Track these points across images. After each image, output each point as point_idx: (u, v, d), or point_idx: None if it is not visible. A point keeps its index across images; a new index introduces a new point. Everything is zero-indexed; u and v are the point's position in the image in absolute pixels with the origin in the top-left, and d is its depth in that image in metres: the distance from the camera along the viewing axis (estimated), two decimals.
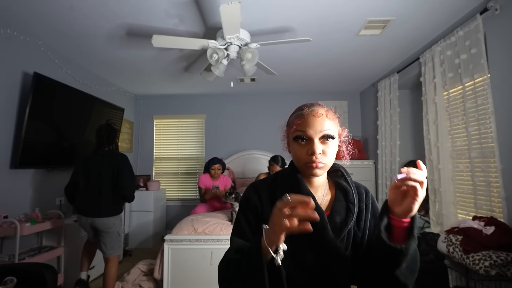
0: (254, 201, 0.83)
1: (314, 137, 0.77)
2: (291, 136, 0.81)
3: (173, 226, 2.85)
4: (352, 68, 3.64)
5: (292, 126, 0.80)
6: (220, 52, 2.31)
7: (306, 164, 0.77)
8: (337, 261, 0.74)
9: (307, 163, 0.76)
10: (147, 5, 2.19)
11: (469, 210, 2.42)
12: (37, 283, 1.78)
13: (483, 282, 1.86)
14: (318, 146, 0.76)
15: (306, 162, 0.76)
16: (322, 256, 0.74)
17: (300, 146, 0.78)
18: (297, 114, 0.81)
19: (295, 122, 0.80)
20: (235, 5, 1.84)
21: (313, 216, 0.59)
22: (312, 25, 2.52)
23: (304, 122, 0.78)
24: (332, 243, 0.74)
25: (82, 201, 2.35)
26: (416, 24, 2.53)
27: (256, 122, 4.85)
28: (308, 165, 0.76)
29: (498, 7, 2.02)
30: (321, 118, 0.78)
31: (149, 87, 4.44)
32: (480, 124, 2.15)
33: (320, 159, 0.76)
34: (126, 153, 4.54)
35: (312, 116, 0.78)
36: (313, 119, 0.78)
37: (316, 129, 0.77)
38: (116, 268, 2.39)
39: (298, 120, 0.79)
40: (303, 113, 0.80)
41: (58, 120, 2.89)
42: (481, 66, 2.11)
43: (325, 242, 0.74)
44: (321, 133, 0.77)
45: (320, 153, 0.76)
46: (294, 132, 0.79)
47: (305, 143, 0.77)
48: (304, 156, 0.77)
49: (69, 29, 2.54)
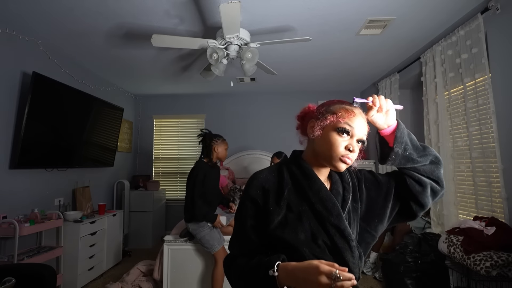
0: (255, 195, 0.83)
1: (356, 136, 0.80)
2: (333, 125, 0.80)
3: (172, 226, 2.85)
4: (353, 67, 3.63)
5: (338, 116, 0.79)
6: (220, 52, 2.30)
7: (341, 157, 0.78)
8: (348, 247, 0.78)
9: (342, 156, 0.78)
10: (146, 4, 2.18)
11: (470, 211, 2.41)
12: (36, 284, 1.77)
13: (484, 283, 1.85)
14: (355, 146, 0.79)
15: (342, 155, 0.78)
16: (337, 242, 0.78)
17: (340, 138, 0.79)
18: (346, 108, 0.81)
19: (342, 114, 0.79)
20: (235, 5, 1.84)
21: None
22: (312, 25, 2.52)
23: (354, 119, 0.79)
24: (347, 232, 0.78)
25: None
26: (417, 24, 2.52)
27: (256, 122, 4.84)
28: (342, 159, 0.78)
29: (499, 7, 2.01)
30: (365, 122, 0.82)
31: (148, 86, 4.43)
32: (481, 124, 2.14)
33: (352, 157, 0.79)
34: (125, 153, 4.56)
35: (362, 117, 0.81)
36: (362, 120, 0.81)
37: (361, 130, 0.80)
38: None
39: (347, 114, 0.79)
40: (353, 109, 0.81)
41: (57, 120, 2.88)
42: (482, 65, 2.10)
43: (340, 229, 0.78)
44: (362, 136, 0.81)
45: (355, 151, 0.79)
46: (339, 123, 0.79)
47: (346, 137, 0.79)
48: (341, 149, 0.78)
49: (69, 29, 2.53)
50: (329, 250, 0.77)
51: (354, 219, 0.83)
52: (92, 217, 3.10)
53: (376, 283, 2.84)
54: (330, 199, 0.80)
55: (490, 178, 2.08)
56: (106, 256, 3.24)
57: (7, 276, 1.70)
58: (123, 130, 4.35)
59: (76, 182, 3.32)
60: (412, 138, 0.84)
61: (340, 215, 0.78)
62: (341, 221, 0.78)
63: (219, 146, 2.45)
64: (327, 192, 0.81)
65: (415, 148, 0.82)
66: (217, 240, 2.33)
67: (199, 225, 2.34)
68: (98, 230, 3.09)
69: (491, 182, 2.08)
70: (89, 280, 2.95)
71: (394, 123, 0.84)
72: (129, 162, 4.73)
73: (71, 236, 2.78)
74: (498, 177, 2.01)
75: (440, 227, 2.63)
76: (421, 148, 0.84)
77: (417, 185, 0.82)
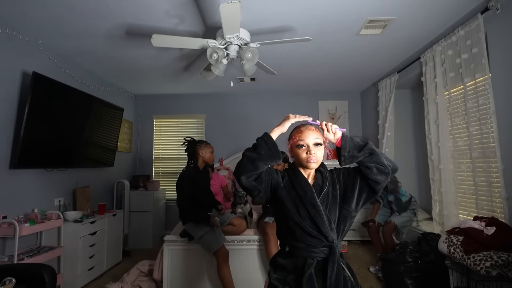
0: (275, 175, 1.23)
1: (310, 143, 1.18)
2: (294, 145, 1.20)
3: (172, 226, 2.85)
4: (353, 67, 3.63)
5: (293, 138, 1.21)
6: (220, 52, 2.30)
7: (307, 160, 1.17)
8: (318, 215, 1.14)
9: (307, 160, 1.17)
10: (146, 4, 2.18)
11: (470, 211, 2.41)
12: (36, 284, 1.77)
13: (484, 283, 1.85)
14: (312, 149, 1.17)
15: (306, 159, 1.17)
16: (311, 212, 1.15)
17: (301, 150, 1.19)
18: (297, 130, 1.22)
19: (295, 136, 1.20)
20: (235, 4, 1.83)
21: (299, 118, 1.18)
22: (312, 25, 2.51)
23: (303, 134, 1.19)
24: (316, 205, 1.15)
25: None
26: (417, 24, 2.52)
27: (256, 122, 4.84)
28: (308, 160, 1.17)
29: (499, 7, 2.01)
30: (313, 131, 1.20)
31: (148, 87, 4.43)
32: (481, 124, 2.14)
33: (313, 156, 1.16)
34: (125, 153, 4.56)
35: (308, 129, 1.20)
36: (310, 131, 1.20)
37: (311, 138, 1.18)
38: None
39: (298, 134, 1.20)
40: (301, 128, 1.21)
41: (57, 120, 2.88)
42: (482, 65, 2.10)
43: (312, 204, 1.15)
44: (314, 140, 1.18)
45: (314, 153, 1.17)
46: (295, 142, 1.19)
47: (304, 148, 1.18)
48: (303, 156, 1.18)
49: (69, 29, 2.53)
50: (307, 216, 1.15)
51: (333, 202, 1.18)
52: (92, 217, 3.09)
53: (376, 283, 2.84)
54: (307, 185, 1.18)
55: (490, 178, 2.08)
56: (106, 256, 3.24)
57: (7, 276, 1.70)
58: (123, 130, 4.35)
59: (76, 182, 3.32)
60: (355, 141, 1.16)
61: (313, 195, 1.16)
62: (313, 198, 1.15)
63: (203, 151, 2.50)
64: (306, 182, 1.20)
65: (358, 148, 1.14)
66: (216, 240, 2.33)
67: (198, 225, 2.35)
68: (98, 230, 3.09)
69: (491, 182, 2.08)
70: (89, 280, 2.95)
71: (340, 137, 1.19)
72: (129, 162, 4.73)
73: (71, 236, 2.78)
74: (498, 177, 2.01)
75: (440, 227, 2.63)
76: (363, 146, 1.14)
77: (366, 168, 1.14)
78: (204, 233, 2.34)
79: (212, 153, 2.56)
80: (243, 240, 2.55)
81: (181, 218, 2.44)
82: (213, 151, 2.59)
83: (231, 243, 2.50)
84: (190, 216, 2.40)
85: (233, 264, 2.43)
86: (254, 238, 2.55)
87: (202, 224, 2.36)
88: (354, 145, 1.14)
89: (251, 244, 2.55)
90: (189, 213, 2.38)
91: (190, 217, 2.40)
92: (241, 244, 2.54)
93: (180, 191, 2.38)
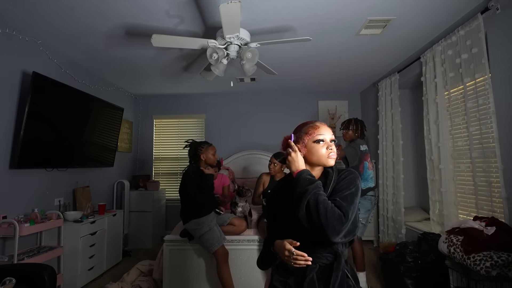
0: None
1: (328, 139, 1.13)
2: (311, 140, 1.12)
3: (172, 226, 2.85)
4: (353, 67, 3.63)
5: (310, 133, 1.13)
6: (220, 52, 2.30)
7: (328, 156, 1.10)
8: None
9: (328, 155, 1.10)
10: (146, 4, 2.18)
11: (470, 211, 2.41)
12: (36, 284, 1.77)
13: (484, 283, 1.85)
14: (331, 144, 1.12)
15: (327, 155, 1.10)
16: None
17: (320, 146, 1.11)
18: (312, 125, 1.15)
19: (313, 131, 1.13)
20: (235, 4, 1.83)
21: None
22: (312, 25, 2.52)
23: (320, 130, 1.13)
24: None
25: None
26: (417, 24, 2.52)
27: (256, 122, 4.84)
28: (329, 156, 1.10)
29: (499, 7, 2.01)
30: (328, 127, 1.16)
31: (148, 86, 4.43)
32: (481, 124, 2.14)
33: (333, 152, 1.11)
34: (125, 153, 4.56)
35: (324, 126, 1.15)
36: (325, 127, 1.15)
37: (329, 134, 1.14)
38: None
39: (315, 129, 1.13)
40: (318, 124, 1.15)
41: (57, 120, 2.88)
42: (482, 65, 2.10)
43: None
44: (331, 136, 1.14)
45: (333, 149, 1.12)
46: (314, 137, 1.12)
47: (322, 143, 1.12)
48: (324, 152, 1.11)
49: (69, 29, 2.53)
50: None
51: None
52: (92, 217, 3.10)
53: (376, 283, 2.84)
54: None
55: (490, 178, 2.08)
56: (106, 256, 3.24)
57: (7, 276, 1.70)
58: (123, 130, 4.35)
59: (76, 182, 3.32)
60: (305, 179, 1.08)
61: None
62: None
63: (204, 154, 2.49)
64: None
65: (299, 186, 1.08)
66: (217, 239, 2.33)
67: (198, 225, 2.35)
68: (98, 230, 3.09)
69: (491, 182, 2.08)
70: (89, 280, 2.95)
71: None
72: (129, 162, 4.73)
73: (71, 236, 2.78)
74: (498, 177, 2.01)
75: (440, 227, 2.63)
76: (301, 189, 1.06)
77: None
78: (205, 232, 2.34)
79: (214, 155, 2.54)
80: (243, 240, 2.55)
81: (182, 217, 2.44)
82: (215, 152, 2.56)
83: (231, 243, 2.50)
84: (206, 204, 2.40)
85: (233, 264, 2.43)
86: (254, 238, 2.55)
87: (203, 222, 2.36)
88: (301, 182, 1.04)
89: (251, 244, 2.55)
90: (203, 203, 2.37)
91: (206, 205, 2.40)
92: (241, 244, 2.54)
93: (189, 182, 2.36)
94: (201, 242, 2.37)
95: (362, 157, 2.81)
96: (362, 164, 2.81)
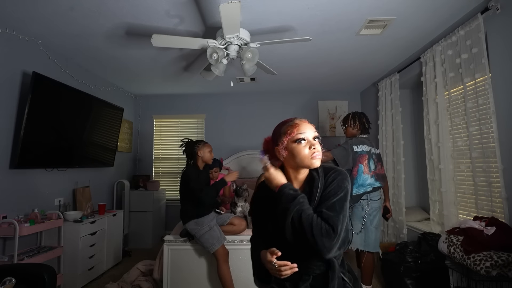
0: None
1: (310, 137, 1.01)
2: (291, 140, 1.00)
3: (172, 226, 2.85)
4: (353, 67, 3.63)
5: (290, 133, 1.00)
6: (220, 52, 2.30)
7: (311, 156, 0.98)
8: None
9: (311, 155, 0.98)
10: (146, 4, 2.18)
11: (470, 211, 2.41)
12: (36, 284, 1.77)
13: (484, 283, 1.85)
14: (315, 142, 1.00)
15: (310, 156, 0.98)
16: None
17: (302, 146, 0.99)
18: (291, 124, 1.03)
19: (292, 130, 1.00)
20: (235, 4, 1.83)
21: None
22: (312, 25, 2.51)
23: (301, 127, 1.01)
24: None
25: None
26: (417, 24, 2.52)
27: (256, 122, 4.84)
28: (312, 156, 0.98)
29: (499, 7, 2.01)
30: (309, 123, 1.04)
31: (148, 86, 4.43)
32: (481, 124, 2.14)
33: (317, 151, 0.99)
34: (125, 153, 4.56)
35: (304, 122, 1.03)
36: (306, 124, 1.03)
37: (310, 131, 1.02)
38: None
39: (295, 128, 1.01)
40: (297, 122, 1.03)
41: (57, 120, 2.88)
42: (482, 65, 2.10)
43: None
44: (314, 134, 1.02)
45: (316, 147, 0.99)
46: (294, 136, 0.99)
47: (304, 142, 0.99)
48: (306, 152, 0.98)
49: (68, 29, 2.53)
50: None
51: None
52: (92, 217, 3.10)
53: (376, 283, 2.84)
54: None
55: (490, 178, 2.08)
56: (106, 256, 3.24)
57: (7, 276, 1.70)
58: (123, 130, 4.35)
59: (76, 182, 3.32)
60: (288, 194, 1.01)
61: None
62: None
63: (201, 151, 2.50)
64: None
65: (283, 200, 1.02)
66: (217, 239, 2.33)
67: (198, 225, 2.35)
68: (98, 230, 3.09)
69: (491, 182, 2.08)
70: (89, 280, 2.95)
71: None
72: (129, 162, 4.73)
73: (71, 236, 2.78)
74: (498, 177, 2.01)
75: (440, 227, 2.63)
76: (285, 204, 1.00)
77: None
78: (205, 232, 2.34)
79: (210, 153, 2.55)
80: (243, 240, 2.55)
81: (182, 217, 2.45)
82: (212, 150, 2.58)
83: (231, 243, 2.50)
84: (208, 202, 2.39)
85: (233, 264, 2.43)
86: None
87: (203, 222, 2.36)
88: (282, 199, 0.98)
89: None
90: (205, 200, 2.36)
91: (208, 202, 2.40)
92: (241, 244, 2.54)
93: (187, 185, 2.37)
94: (201, 242, 2.37)
95: (356, 159, 2.40)
96: (357, 167, 2.39)
